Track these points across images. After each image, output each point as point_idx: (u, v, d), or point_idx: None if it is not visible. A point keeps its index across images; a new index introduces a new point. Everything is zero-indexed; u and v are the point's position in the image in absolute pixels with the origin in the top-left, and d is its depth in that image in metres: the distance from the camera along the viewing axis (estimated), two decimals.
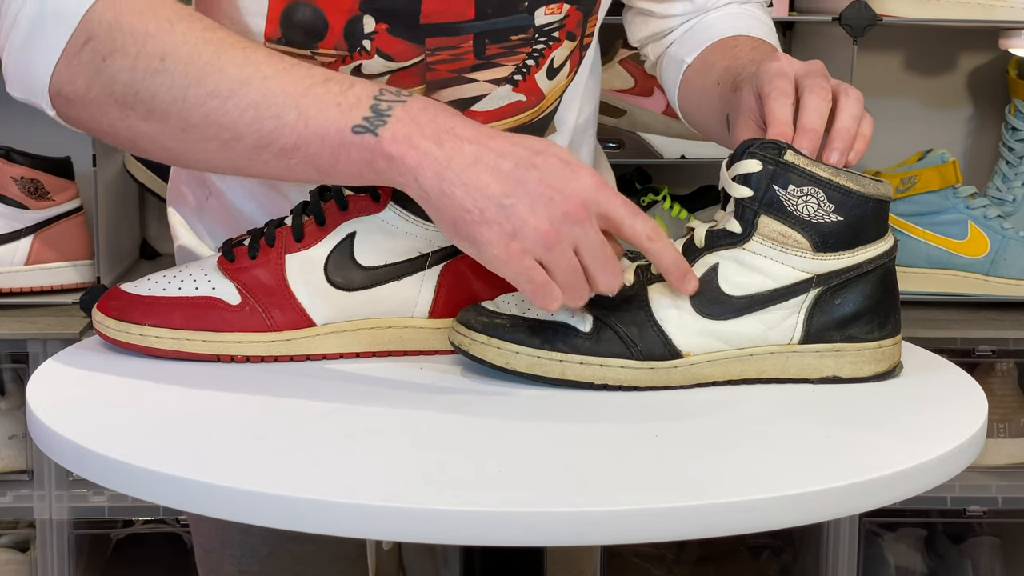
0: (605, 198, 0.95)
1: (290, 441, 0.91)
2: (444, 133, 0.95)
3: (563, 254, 0.94)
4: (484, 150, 0.94)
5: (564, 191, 0.94)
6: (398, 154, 0.95)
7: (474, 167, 0.94)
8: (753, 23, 1.32)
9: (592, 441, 0.93)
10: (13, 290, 2.00)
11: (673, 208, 2.17)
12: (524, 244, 0.94)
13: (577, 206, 0.93)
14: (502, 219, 0.93)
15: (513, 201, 0.93)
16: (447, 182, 0.94)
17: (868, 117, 1.10)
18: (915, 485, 0.89)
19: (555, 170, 0.94)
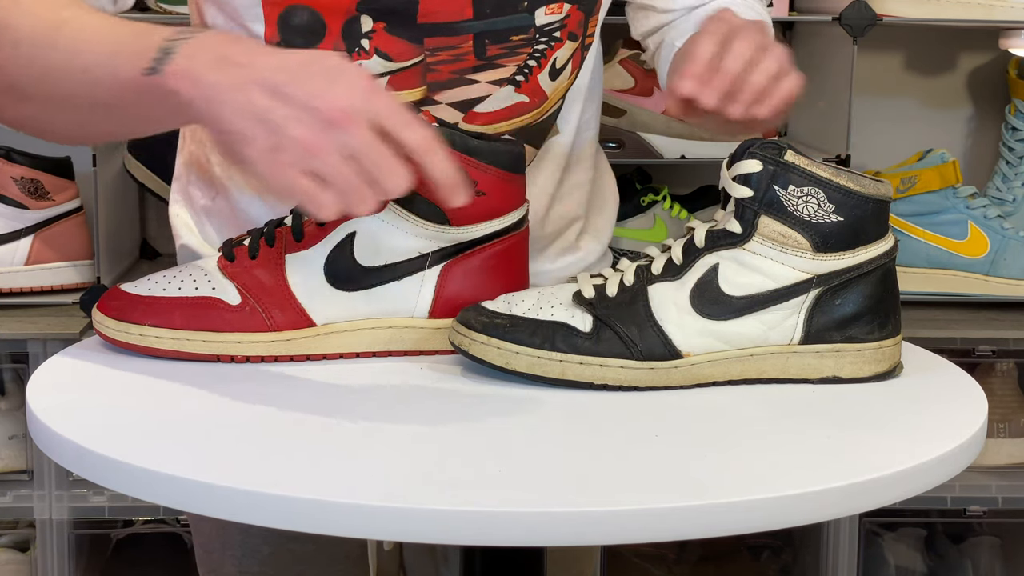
0: (375, 105, 0.93)
1: (290, 441, 0.91)
2: (219, 61, 0.96)
3: (330, 162, 0.92)
4: (253, 70, 0.94)
5: (327, 99, 0.93)
6: (176, 87, 0.97)
7: (242, 88, 0.94)
8: (747, 12, 1.31)
9: (592, 441, 0.93)
10: (13, 290, 2.00)
11: (673, 208, 2.17)
12: (288, 156, 0.93)
13: (341, 114, 0.92)
14: (265, 134, 0.93)
15: (275, 116, 0.93)
16: (216, 104, 0.95)
17: (792, 77, 1.10)
18: (915, 485, 0.89)
19: (320, 79, 0.93)
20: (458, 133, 1.07)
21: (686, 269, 1.04)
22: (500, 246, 1.11)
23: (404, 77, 1.20)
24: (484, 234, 1.10)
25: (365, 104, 0.93)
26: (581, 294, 1.04)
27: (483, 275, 1.10)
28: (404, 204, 1.07)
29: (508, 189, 1.10)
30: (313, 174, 0.93)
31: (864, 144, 2.32)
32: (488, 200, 1.09)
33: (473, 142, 1.07)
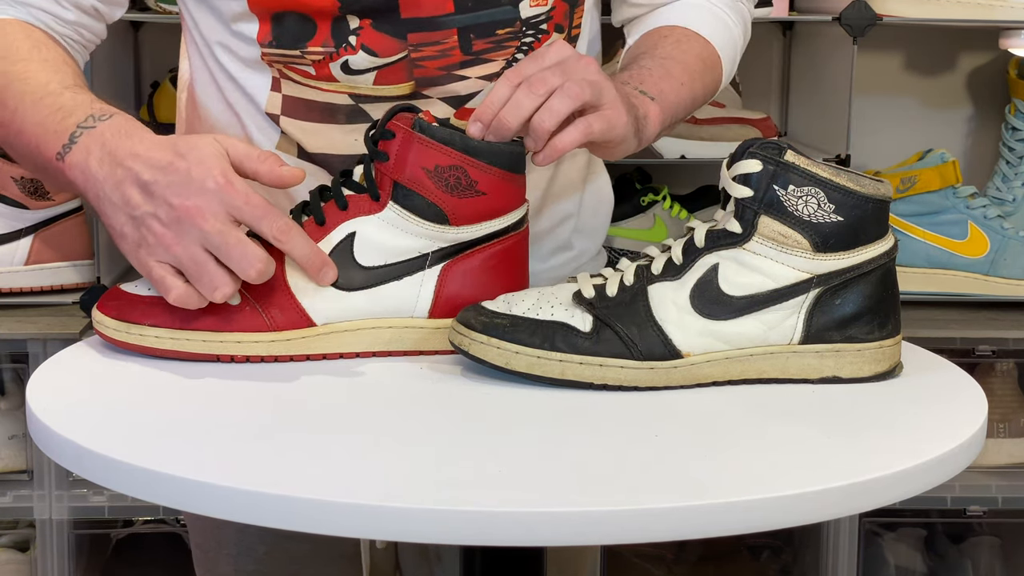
0: (228, 199, 1.01)
1: (290, 441, 0.91)
2: (107, 156, 1.05)
3: (184, 253, 1.01)
4: (130, 169, 1.03)
5: (183, 195, 1.01)
6: (73, 178, 1.07)
7: (119, 186, 1.04)
8: (706, 17, 1.31)
9: (592, 441, 0.93)
10: (13, 290, 2.00)
11: (673, 208, 2.17)
12: (147, 249, 1.03)
13: (194, 211, 1.01)
14: (133, 231, 1.04)
15: (141, 213, 1.03)
16: (101, 200, 1.05)
17: (585, 120, 1.08)
18: (915, 485, 0.89)
19: (180, 177, 1.02)
20: (458, 133, 1.07)
21: (686, 269, 1.04)
22: (500, 246, 1.11)
23: (390, 72, 1.20)
24: (484, 234, 1.10)
25: (218, 198, 1.01)
26: (581, 294, 1.04)
27: (483, 275, 1.10)
28: (404, 204, 1.07)
29: (508, 189, 1.10)
30: (170, 264, 1.03)
31: (864, 144, 2.32)
32: (488, 200, 1.09)
33: (473, 142, 1.07)
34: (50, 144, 1.09)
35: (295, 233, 1.04)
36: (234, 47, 1.22)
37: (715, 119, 2.11)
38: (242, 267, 1.01)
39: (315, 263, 1.05)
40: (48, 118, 1.10)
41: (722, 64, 1.31)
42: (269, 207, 1.03)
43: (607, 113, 1.09)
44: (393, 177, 1.08)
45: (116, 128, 1.07)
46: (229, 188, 1.01)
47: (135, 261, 1.05)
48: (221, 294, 1.02)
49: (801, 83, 2.35)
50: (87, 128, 1.07)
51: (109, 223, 1.05)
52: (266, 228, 1.02)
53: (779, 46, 2.39)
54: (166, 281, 1.03)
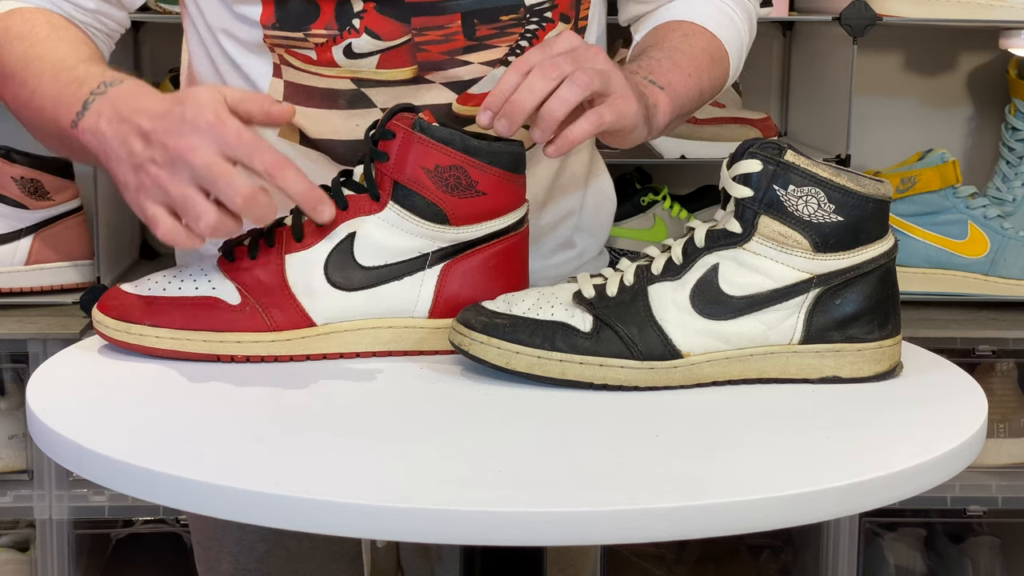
0: (221, 138, 1.01)
1: (290, 441, 0.91)
2: (115, 115, 1.06)
3: (176, 191, 1.01)
4: (133, 123, 1.04)
5: (179, 137, 1.02)
6: (86, 142, 1.09)
7: (124, 140, 1.05)
8: (712, 12, 1.31)
9: (592, 441, 0.93)
10: (13, 290, 2.00)
11: (673, 208, 2.17)
12: (147, 194, 1.03)
13: (186, 149, 1.01)
14: (134, 178, 1.04)
15: (141, 160, 1.03)
16: (109, 159, 1.06)
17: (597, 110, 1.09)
18: (915, 485, 0.89)
19: (176, 121, 1.02)
20: (458, 133, 1.07)
21: (686, 269, 1.04)
22: (500, 246, 1.11)
23: (393, 56, 1.20)
24: (484, 234, 1.10)
25: (209, 136, 1.01)
26: (581, 294, 1.04)
27: (483, 275, 1.10)
28: (404, 204, 1.07)
29: (508, 189, 1.10)
30: (166, 205, 1.02)
31: (864, 144, 2.32)
32: (488, 200, 1.09)
33: (473, 142, 1.07)
34: (65, 114, 1.10)
35: (288, 168, 1.02)
36: (236, 31, 1.23)
37: (715, 119, 2.11)
38: (228, 196, 1.00)
39: (311, 199, 1.03)
40: (63, 90, 1.12)
41: (729, 59, 1.31)
42: (261, 143, 1.02)
43: (617, 102, 1.09)
44: (393, 177, 1.08)
45: (126, 90, 1.08)
46: (220, 126, 1.01)
47: (136, 207, 1.05)
48: (204, 223, 1.00)
49: (801, 83, 2.34)
50: (99, 94, 1.09)
51: (115, 177, 1.06)
52: (258, 164, 1.01)
53: (779, 46, 2.39)
54: (157, 218, 1.02)
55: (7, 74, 1.19)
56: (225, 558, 1.37)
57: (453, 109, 1.23)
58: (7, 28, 1.20)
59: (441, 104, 1.23)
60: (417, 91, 1.22)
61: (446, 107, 1.23)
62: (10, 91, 1.19)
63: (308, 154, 1.24)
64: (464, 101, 1.23)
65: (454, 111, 1.23)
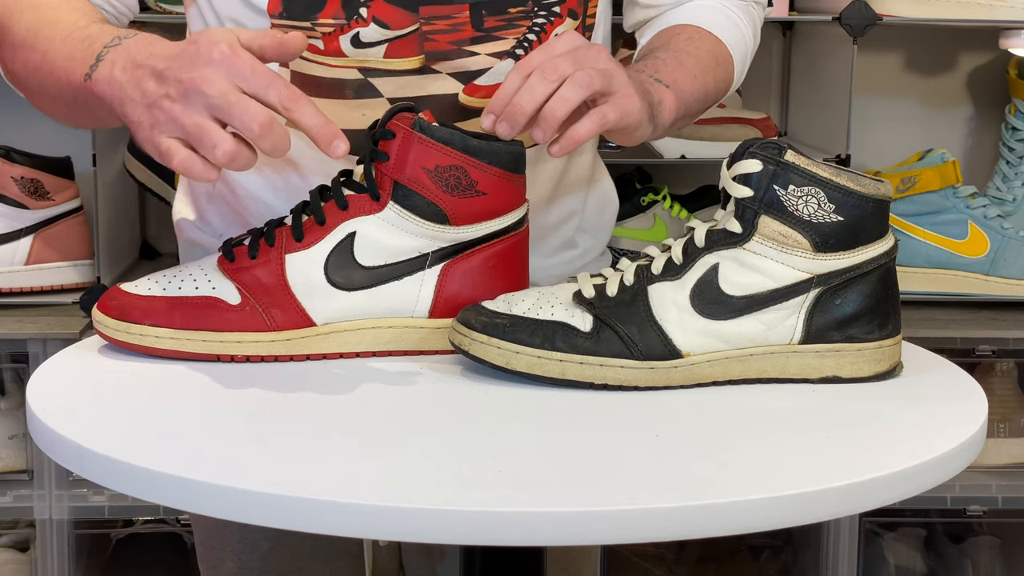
0: (235, 70, 1.01)
1: (290, 441, 0.91)
2: (128, 62, 1.06)
3: (190, 122, 1.00)
4: (147, 66, 1.04)
5: (192, 70, 1.01)
6: (101, 91, 1.08)
7: (139, 83, 1.04)
8: (717, 17, 1.31)
9: (592, 441, 0.93)
10: (13, 290, 2.00)
11: (673, 208, 2.17)
12: (161, 128, 1.02)
13: (200, 80, 1.00)
14: (148, 117, 1.03)
15: (154, 97, 1.03)
16: (125, 103, 1.05)
17: (600, 110, 1.09)
18: (915, 485, 0.89)
19: (189, 57, 1.02)
20: (458, 133, 1.07)
21: (686, 269, 1.04)
22: (500, 246, 1.11)
23: (401, 45, 1.20)
24: (484, 234, 1.10)
25: (223, 68, 1.00)
26: (581, 294, 1.04)
27: (483, 275, 1.10)
28: (404, 204, 1.07)
29: (508, 189, 1.10)
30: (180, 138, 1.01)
31: (864, 144, 2.32)
32: (488, 200, 1.09)
33: (473, 142, 1.07)
34: (78, 70, 1.10)
35: (303, 101, 1.02)
36: (244, 20, 1.23)
37: (715, 119, 2.11)
38: (245, 123, 0.99)
39: (326, 133, 1.03)
40: (76, 48, 1.12)
41: (733, 64, 1.31)
42: (275, 76, 1.01)
43: (620, 101, 1.09)
44: (393, 177, 1.08)
45: (140, 39, 1.08)
46: (235, 58, 1.01)
47: (150, 146, 1.03)
48: (221, 151, 0.99)
49: (801, 83, 2.35)
50: (113, 46, 1.09)
51: (130, 120, 1.05)
52: (273, 96, 1.01)
53: (779, 46, 2.39)
54: (172, 150, 1.01)
55: (18, 42, 1.18)
56: (228, 556, 1.37)
57: (460, 100, 1.23)
58: (17, 0, 1.21)
59: (448, 95, 1.23)
60: (424, 81, 1.22)
61: (452, 98, 1.23)
62: (21, 58, 1.18)
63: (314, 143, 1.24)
64: (471, 92, 1.23)
65: (461, 102, 1.23)
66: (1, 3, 1.22)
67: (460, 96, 1.23)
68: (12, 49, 1.20)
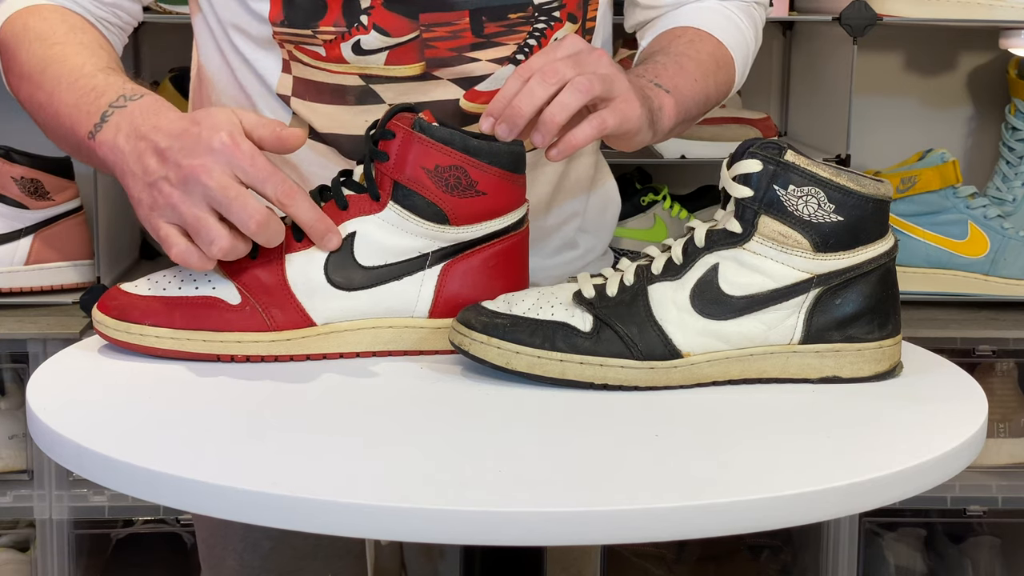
0: (235, 161, 1.02)
1: (290, 441, 0.91)
2: (133, 132, 1.07)
3: (188, 212, 1.02)
4: (150, 140, 1.05)
5: (193, 157, 1.02)
6: (102, 155, 1.09)
7: (140, 158, 1.06)
8: (718, 19, 1.31)
9: (592, 441, 0.93)
10: (13, 290, 2.00)
11: (673, 208, 2.17)
12: (160, 212, 1.04)
13: (200, 169, 1.02)
14: (147, 196, 1.05)
15: (155, 178, 1.04)
16: (125, 175, 1.07)
17: (600, 115, 1.09)
18: (915, 485, 0.89)
19: (192, 140, 1.03)
20: (458, 133, 1.07)
21: (686, 269, 1.04)
22: (500, 246, 1.11)
23: (402, 52, 1.21)
24: (484, 234, 1.10)
25: (223, 159, 1.02)
26: (581, 294, 1.04)
27: (483, 275, 1.10)
28: (404, 204, 1.07)
29: (508, 189, 1.10)
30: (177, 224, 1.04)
31: (864, 144, 2.32)
32: (488, 200, 1.09)
33: (473, 142, 1.07)
34: (83, 124, 1.11)
35: (300, 196, 1.04)
36: (247, 27, 1.23)
37: (715, 119, 2.11)
38: (242, 219, 1.01)
39: (319, 228, 1.05)
40: (82, 99, 1.13)
41: (735, 66, 1.31)
42: (274, 170, 1.03)
43: (620, 106, 1.09)
44: (393, 177, 1.08)
45: (144, 106, 1.09)
46: (235, 149, 1.02)
47: (148, 225, 1.06)
48: (217, 247, 1.02)
49: (801, 83, 2.35)
50: (118, 107, 1.10)
51: (130, 193, 1.07)
52: (270, 190, 1.03)
53: (779, 46, 2.39)
54: (170, 239, 1.04)
55: (25, 73, 1.19)
56: (230, 556, 1.37)
57: (461, 106, 1.23)
58: (26, 27, 1.21)
59: (449, 100, 1.23)
60: (425, 87, 1.23)
61: (454, 103, 1.23)
62: (26, 91, 1.19)
63: (316, 147, 1.25)
64: (472, 98, 1.23)
65: (462, 108, 1.23)
66: (9, 29, 1.22)
67: (461, 102, 1.23)
68: (18, 79, 1.21)
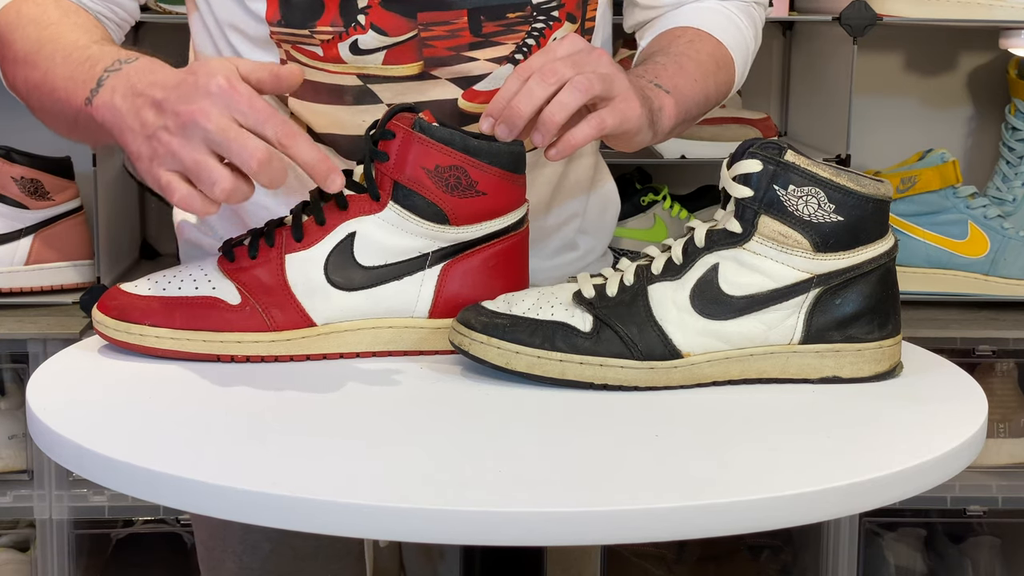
0: (231, 102, 1.01)
1: (290, 441, 0.91)
2: (128, 90, 1.06)
3: (189, 156, 1.01)
4: (146, 96, 1.05)
5: (190, 102, 1.01)
6: (101, 117, 1.08)
7: (138, 112, 1.05)
8: (718, 19, 1.31)
9: (592, 441, 0.93)
10: (13, 290, 2.00)
11: (673, 208, 2.17)
12: (160, 161, 1.03)
13: (198, 113, 1.01)
14: (147, 148, 1.04)
15: (153, 129, 1.03)
16: (124, 131, 1.06)
17: (598, 114, 1.08)
18: (915, 485, 0.89)
19: (188, 88, 1.02)
20: (458, 133, 1.07)
21: (686, 269, 1.04)
22: (500, 246, 1.11)
23: (399, 52, 1.20)
24: (484, 234, 1.10)
25: (221, 102, 1.00)
26: (581, 294, 1.04)
27: (483, 275, 1.10)
28: (404, 204, 1.07)
29: (508, 189, 1.10)
30: (179, 171, 1.02)
31: (864, 144, 2.32)
32: (488, 200, 1.09)
33: (473, 142, 1.07)
34: (79, 93, 1.10)
35: (300, 137, 1.02)
36: (244, 26, 1.23)
37: (715, 119, 2.11)
38: (243, 158, 0.99)
39: (321, 169, 1.03)
40: (76, 70, 1.12)
41: (735, 66, 1.31)
42: (273, 111, 1.01)
43: (620, 106, 1.09)
44: (393, 177, 1.08)
45: (140, 66, 1.08)
46: (232, 91, 1.01)
47: (150, 178, 1.04)
48: (220, 188, 1.00)
49: (801, 83, 2.34)
50: (113, 71, 1.09)
51: (129, 150, 1.06)
52: (270, 131, 1.01)
53: (779, 46, 2.39)
54: (172, 185, 1.02)
55: (20, 57, 1.19)
56: (229, 557, 1.37)
57: (459, 105, 1.23)
58: (19, 14, 1.21)
59: (447, 100, 1.23)
60: (423, 87, 1.22)
61: (452, 103, 1.23)
62: (22, 74, 1.19)
63: None
64: (470, 97, 1.23)
65: (460, 107, 1.23)
66: (4, 17, 1.22)
67: (459, 101, 1.23)
68: (13, 64, 1.20)
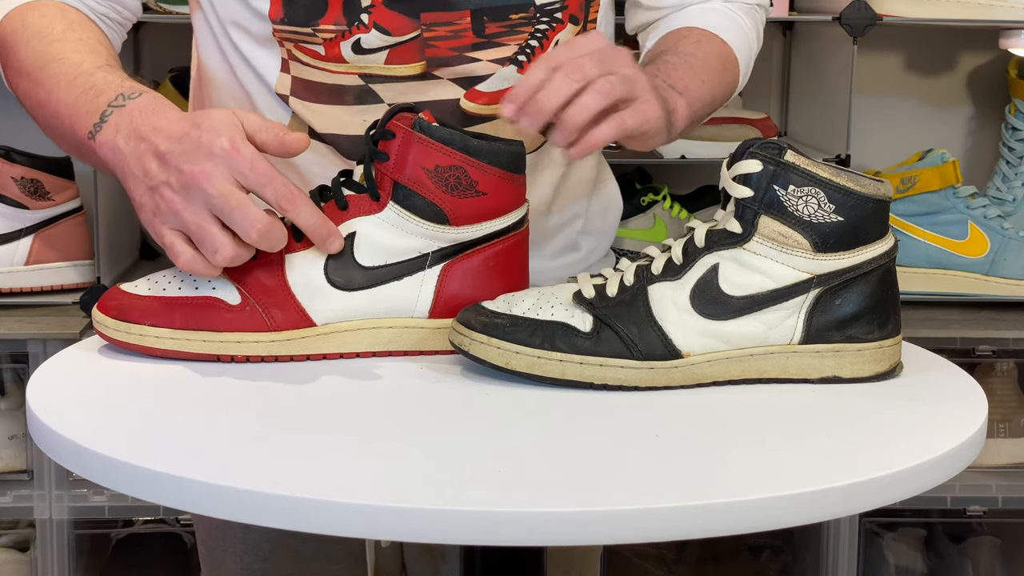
0: (235, 166, 1.02)
1: (290, 441, 0.91)
2: (132, 132, 1.07)
3: (191, 219, 1.02)
4: (151, 142, 1.05)
5: (193, 163, 1.02)
6: (103, 155, 1.09)
7: (141, 159, 1.05)
8: (722, 20, 1.31)
9: (592, 441, 0.93)
10: (13, 290, 2.00)
11: (673, 208, 2.17)
12: (163, 219, 1.04)
13: (200, 176, 1.01)
14: (149, 201, 1.05)
15: (156, 182, 1.04)
16: (126, 176, 1.07)
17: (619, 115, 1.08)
18: (915, 485, 0.89)
19: (192, 145, 1.02)
20: (458, 133, 1.07)
21: (686, 269, 1.04)
22: (500, 246, 1.11)
23: (402, 51, 1.21)
24: (484, 234, 1.10)
25: (224, 164, 1.01)
26: (581, 294, 1.04)
27: (483, 275, 1.10)
28: (404, 204, 1.07)
29: (508, 189, 1.10)
30: (180, 231, 1.04)
31: (864, 144, 2.32)
32: (488, 200, 1.09)
33: (473, 142, 1.07)
34: (82, 124, 1.11)
35: (301, 200, 1.03)
36: (247, 24, 1.23)
37: (715, 119, 2.11)
38: (243, 228, 1.01)
39: (321, 232, 1.05)
40: (80, 98, 1.12)
41: (739, 66, 1.31)
42: (275, 174, 1.02)
43: (640, 107, 1.09)
44: (393, 177, 1.08)
45: (143, 106, 1.08)
46: (235, 154, 1.01)
47: (151, 230, 1.06)
48: (221, 256, 1.02)
49: (801, 83, 2.35)
50: (117, 107, 1.09)
51: (131, 195, 1.07)
52: (270, 194, 1.02)
53: (779, 46, 2.39)
54: (175, 247, 1.03)
55: (24, 70, 1.19)
56: (230, 558, 1.37)
57: (461, 106, 1.23)
58: (24, 23, 1.21)
59: (449, 100, 1.23)
60: (425, 87, 1.23)
61: (454, 103, 1.23)
62: (24, 88, 1.19)
63: (315, 147, 1.25)
64: (472, 98, 1.23)
65: (462, 108, 1.23)
66: (8, 26, 1.22)
67: (461, 102, 1.23)
68: (16, 75, 1.20)
